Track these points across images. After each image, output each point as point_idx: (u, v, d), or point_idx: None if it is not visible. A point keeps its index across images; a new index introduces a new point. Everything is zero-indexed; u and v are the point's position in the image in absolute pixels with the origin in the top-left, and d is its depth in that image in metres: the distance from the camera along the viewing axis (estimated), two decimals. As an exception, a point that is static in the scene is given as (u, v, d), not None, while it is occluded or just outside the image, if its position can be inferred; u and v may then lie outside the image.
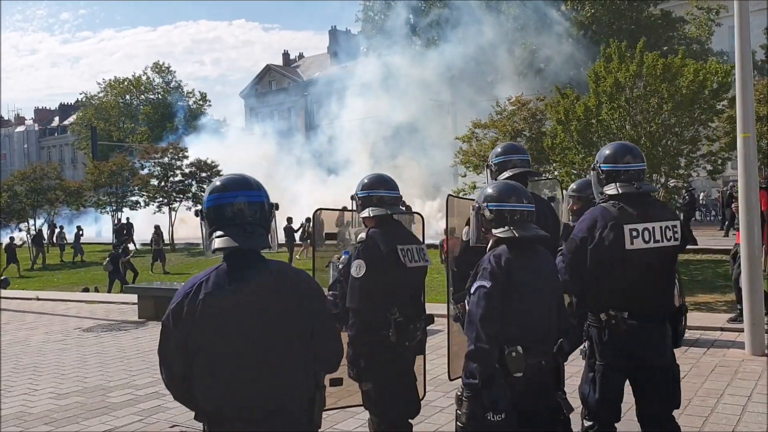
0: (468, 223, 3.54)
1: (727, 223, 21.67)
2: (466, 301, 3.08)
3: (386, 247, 3.63)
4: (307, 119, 45.47)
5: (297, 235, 23.23)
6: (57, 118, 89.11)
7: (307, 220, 24.51)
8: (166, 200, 32.02)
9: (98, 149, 48.96)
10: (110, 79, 61.19)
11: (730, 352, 7.15)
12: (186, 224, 31.46)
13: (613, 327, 3.45)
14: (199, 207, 2.60)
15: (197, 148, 35.14)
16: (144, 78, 60.74)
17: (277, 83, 65.94)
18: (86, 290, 18.03)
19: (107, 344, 9.27)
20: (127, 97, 61.07)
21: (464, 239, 4.05)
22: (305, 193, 37.21)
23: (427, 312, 3.95)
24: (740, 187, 7.27)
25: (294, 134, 44.38)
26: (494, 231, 3.07)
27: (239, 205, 2.50)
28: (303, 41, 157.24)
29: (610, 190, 3.61)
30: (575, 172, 15.13)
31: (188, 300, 2.41)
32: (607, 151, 3.74)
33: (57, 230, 32.01)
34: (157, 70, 61.42)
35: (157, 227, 23.67)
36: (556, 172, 15.49)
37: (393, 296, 3.65)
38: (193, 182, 31.98)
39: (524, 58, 34.44)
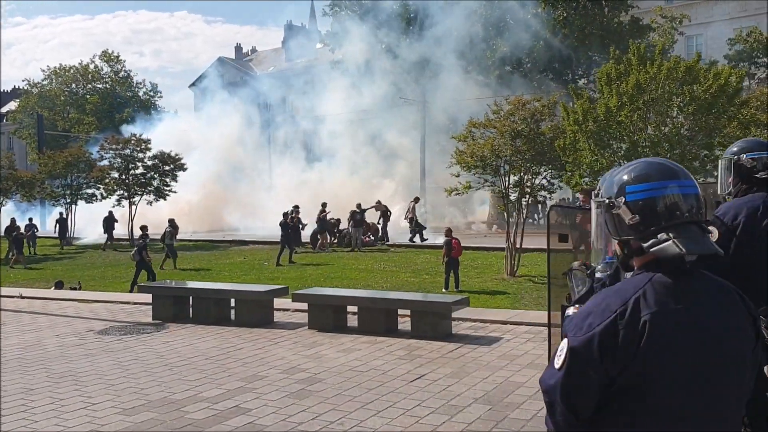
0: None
1: None
2: None
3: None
4: (268, 112, 44.30)
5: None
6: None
7: (295, 208, 23.77)
8: (126, 193, 30.55)
9: (43, 139, 46.82)
10: (55, 67, 58.42)
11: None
12: (145, 218, 30.17)
13: None
14: (607, 198, 1.99)
15: (156, 139, 33.70)
16: (92, 67, 58.19)
17: (229, 76, 64.32)
18: (60, 285, 16.77)
19: (137, 349, 8.43)
20: (73, 85, 58.38)
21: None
22: (283, 182, 36.43)
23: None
24: None
25: (256, 125, 43.15)
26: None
27: (675, 198, 1.93)
28: (247, 35, 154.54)
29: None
30: (587, 175, 14.97)
31: (624, 322, 1.82)
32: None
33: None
34: (105, 59, 58.94)
35: (172, 221, 22.16)
36: (569, 173, 15.25)
37: None
38: (156, 175, 30.60)
39: (494, 58, 34.35)
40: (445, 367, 7.18)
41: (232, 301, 10.32)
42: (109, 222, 29.66)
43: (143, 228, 19.26)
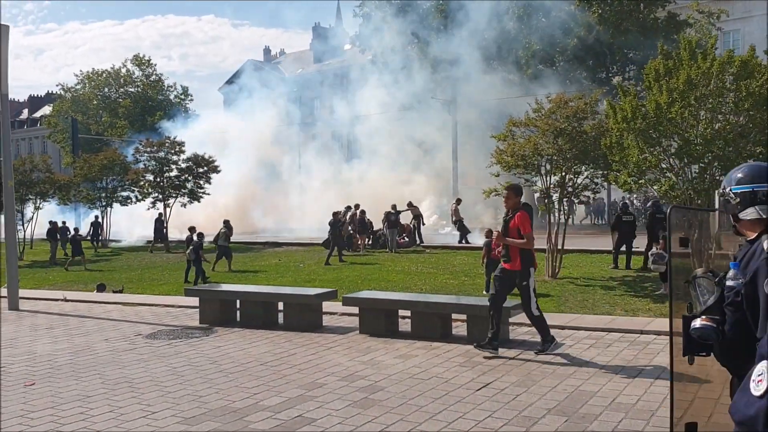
0: None
1: None
2: None
3: None
4: (300, 113, 44.29)
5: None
6: (26, 111, 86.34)
7: (348, 208, 23.75)
8: (160, 196, 30.66)
9: (78, 143, 47.32)
10: (88, 71, 59.17)
11: None
12: (180, 220, 30.31)
13: None
14: None
15: (191, 141, 33.85)
16: (124, 71, 58.81)
17: (260, 78, 64.53)
18: (102, 288, 16.76)
19: (189, 354, 8.28)
20: (106, 89, 59.05)
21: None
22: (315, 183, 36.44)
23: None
24: None
25: (288, 126, 43.22)
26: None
27: None
28: (272, 38, 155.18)
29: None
30: (634, 174, 14.54)
31: None
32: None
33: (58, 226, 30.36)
34: (137, 62, 59.55)
35: (227, 222, 22.01)
36: (615, 172, 14.84)
37: None
38: (190, 177, 30.67)
39: (527, 56, 33.89)
40: (510, 374, 6.91)
41: (280, 304, 10.15)
42: (158, 225, 29.52)
43: (191, 229, 19.24)
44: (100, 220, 32.39)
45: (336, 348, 8.38)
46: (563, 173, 16.24)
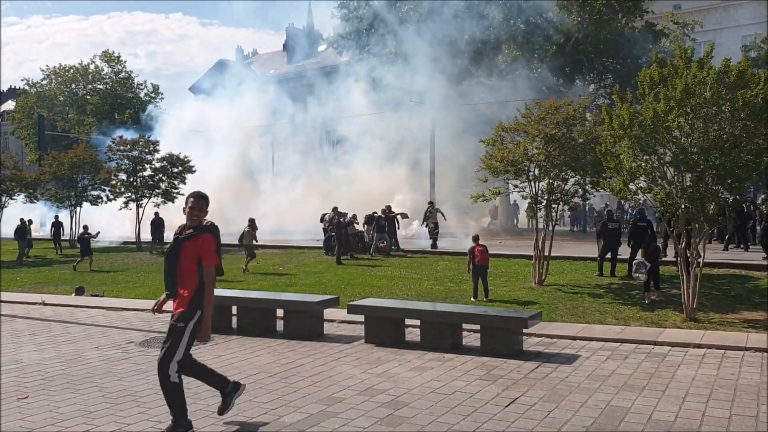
0: None
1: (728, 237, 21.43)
2: None
3: None
4: (275, 114, 43.60)
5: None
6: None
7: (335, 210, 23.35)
8: (133, 196, 29.86)
9: (44, 139, 46.01)
10: (55, 67, 57.69)
11: None
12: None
13: None
14: None
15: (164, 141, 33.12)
16: (92, 67, 57.46)
17: (232, 78, 63.63)
18: (81, 291, 16.10)
19: (189, 364, 7.85)
20: (73, 86, 57.63)
21: None
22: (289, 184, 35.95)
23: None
24: None
25: (264, 127, 42.57)
26: None
27: None
28: (242, 38, 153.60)
29: None
30: (630, 181, 14.46)
31: None
32: None
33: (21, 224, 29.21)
34: (106, 59, 58.27)
35: (252, 221, 21.12)
36: (610, 180, 14.74)
37: None
38: (164, 177, 29.91)
39: (507, 62, 33.89)
40: (536, 389, 6.64)
41: (278, 311, 9.77)
42: (156, 225, 28.40)
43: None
44: (61, 219, 31.23)
45: (344, 359, 8.03)
46: (550, 179, 16.15)
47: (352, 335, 9.31)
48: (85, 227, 24.11)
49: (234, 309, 9.98)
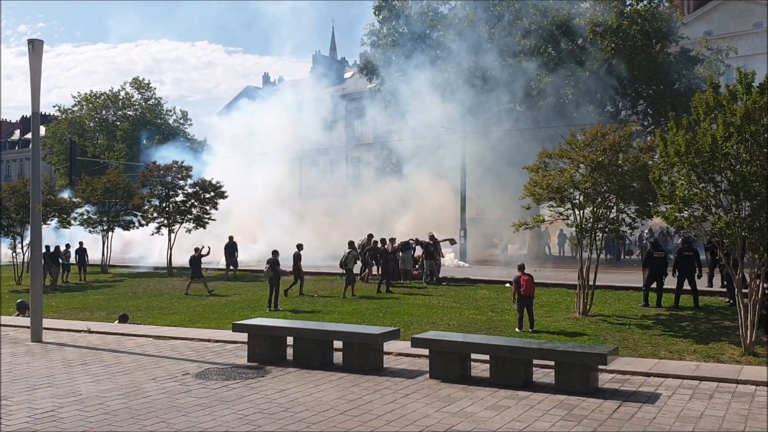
0: None
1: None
2: None
3: None
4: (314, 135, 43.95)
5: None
6: (18, 132, 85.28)
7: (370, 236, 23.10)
8: (165, 221, 29.84)
9: (75, 165, 46.47)
10: (86, 93, 58.50)
11: None
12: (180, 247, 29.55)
13: None
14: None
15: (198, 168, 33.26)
16: (122, 93, 58.18)
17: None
18: (124, 318, 15.89)
19: (253, 398, 7.56)
20: (103, 112, 58.33)
21: None
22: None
23: None
24: None
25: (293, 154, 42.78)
26: None
27: None
28: (266, 66, 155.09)
29: None
30: (684, 210, 14.07)
31: None
32: None
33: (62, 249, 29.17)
34: (136, 86, 58.99)
35: (299, 246, 20.70)
36: (662, 208, 14.35)
37: None
38: (195, 203, 29.87)
39: (539, 89, 33.65)
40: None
41: (335, 343, 9.48)
42: (230, 249, 27.31)
43: (274, 252, 18.41)
44: (84, 247, 30.84)
45: (413, 395, 7.70)
46: (595, 207, 15.81)
47: (414, 369, 8.98)
48: (197, 249, 23.19)
49: (289, 339, 9.71)
